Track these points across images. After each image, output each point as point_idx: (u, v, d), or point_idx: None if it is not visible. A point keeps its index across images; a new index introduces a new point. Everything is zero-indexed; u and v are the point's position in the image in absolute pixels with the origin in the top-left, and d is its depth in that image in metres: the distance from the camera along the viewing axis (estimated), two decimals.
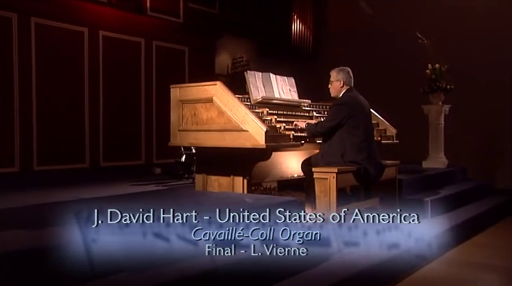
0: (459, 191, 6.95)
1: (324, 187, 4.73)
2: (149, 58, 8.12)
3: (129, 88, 7.84)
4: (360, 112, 5.08)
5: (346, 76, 5.15)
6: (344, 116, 4.93)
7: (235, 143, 4.45)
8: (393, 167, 5.71)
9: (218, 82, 4.60)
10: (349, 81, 5.17)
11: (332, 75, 5.22)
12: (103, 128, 7.43)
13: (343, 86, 5.15)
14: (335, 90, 5.20)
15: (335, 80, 5.18)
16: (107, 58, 7.44)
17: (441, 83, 8.18)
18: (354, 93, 5.19)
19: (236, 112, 4.44)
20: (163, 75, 8.21)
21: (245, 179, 4.77)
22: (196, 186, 5.07)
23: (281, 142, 4.55)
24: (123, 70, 7.72)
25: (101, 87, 7.39)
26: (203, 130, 4.66)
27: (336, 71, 5.21)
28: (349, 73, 5.19)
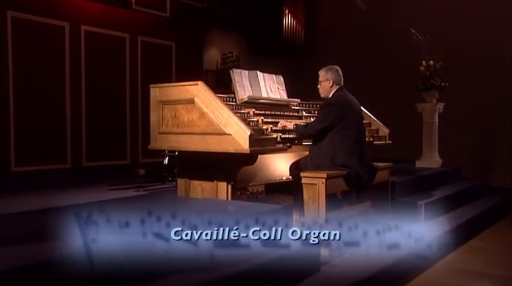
0: (453, 193, 6.70)
1: (312, 193, 4.47)
2: (134, 54, 7.83)
3: (114, 85, 7.54)
4: (351, 112, 4.82)
5: (335, 75, 4.88)
6: (334, 118, 4.67)
7: (218, 147, 4.17)
8: (386, 170, 5.45)
9: (200, 82, 4.31)
10: (339, 80, 4.90)
11: (321, 74, 4.95)
12: (85, 127, 7.14)
13: (333, 86, 4.88)
14: (325, 91, 4.94)
15: (324, 79, 4.91)
16: (89, 54, 7.14)
17: (435, 80, 7.94)
18: (345, 93, 4.92)
19: (218, 114, 4.16)
20: (149, 71, 7.94)
21: (230, 184, 4.50)
22: (178, 191, 4.79)
23: (267, 146, 4.27)
24: (107, 66, 7.42)
25: (83, 84, 7.09)
26: (184, 133, 4.38)
27: (324, 70, 4.94)
28: (338, 72, 4.92)
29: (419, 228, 5.28)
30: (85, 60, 7.08)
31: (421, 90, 8.04)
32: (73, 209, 3.76)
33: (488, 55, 9.21)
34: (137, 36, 7.82)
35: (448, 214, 6.19)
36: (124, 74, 7.68)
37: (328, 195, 4.47)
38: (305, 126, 4.92)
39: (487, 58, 9.21)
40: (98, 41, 7.24)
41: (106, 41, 7.37)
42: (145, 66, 7.91)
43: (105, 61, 7.36)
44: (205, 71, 9.96)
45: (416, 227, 5.35)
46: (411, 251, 4.50)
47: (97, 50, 7.22)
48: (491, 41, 9.27)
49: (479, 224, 6.25)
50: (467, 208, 6.66)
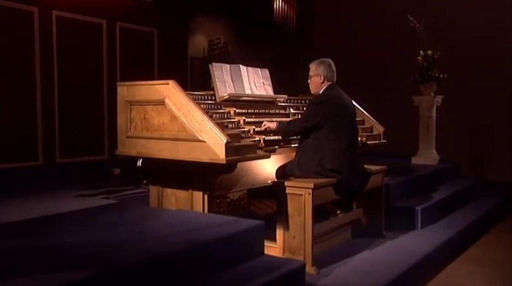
0: (451, 194, 6.33)
1: (298, 205, 4.05)
2: (112, 42, 7.28)
3: (90, 75, 7.01)
4: (342, 113, 4.37)
5: (328, 70, 4.43)
6: (321, 117, 4.23)
7: (190, 156, 3.72)
8: (379, 174, 5.04)
9: (171, 81, 3.83)
10: (331, 75, 4.45)
11: (311, 68, 4.50)
12: (59, 120, 6.62)
13: (324, 82, 4.43)
14: (315, 87, 4.49)
15: (315, 74, 4.46)
16: (62, 42, 6.59)
17: (433, 71, 7.52)
18: (336, 90, 4.47)
19: (191, 118, 3.69)
20: (129, 60, 7.40)
21: (206, 193, 4.06)
22: (150, 200, 4.34)
23: (247, 153, 3.82)
24: (82, 55, 6.88)
25: (55, 74, 6.56)
26: (154, 138, 3.92)
27: (316, 64, 4.47)
28: (330, 67, 4.46)
29: (414, 240, 4.89)
30: (57, 49, 6.54)
31: (418, 82, 7.64)
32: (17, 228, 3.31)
33: (488, 46, 8.79)
34: (115, 22, 7.27)
35: (446, 218, 5.83)
36: (102, 64, 7.15)
37: (315, 206, 4.03)
38: (289, 123, 4.49)
39: (487, 49, 8.80)
40: (71, 28, 6.69)
41: (80, 28, 6.82)
42: (124, 55, 7.37)
43: (80, 49, 6.82)
44: (191, 59, 9.47)
45: (411, 238, 4.96)
46: (405, 269, 4.09)
47: (71, 38, 6.67)
48: (492, 31, 8.82)
49: (478, 230, 5.87)
50: (465, 210, 6.30)
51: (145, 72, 7.59)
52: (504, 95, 8.87)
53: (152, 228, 3.42)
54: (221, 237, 3.29)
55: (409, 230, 5.25)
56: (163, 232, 3.30)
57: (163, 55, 8.12)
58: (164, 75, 8.03)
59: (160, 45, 8.05)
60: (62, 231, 3.32)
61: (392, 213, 5.28)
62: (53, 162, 6.53)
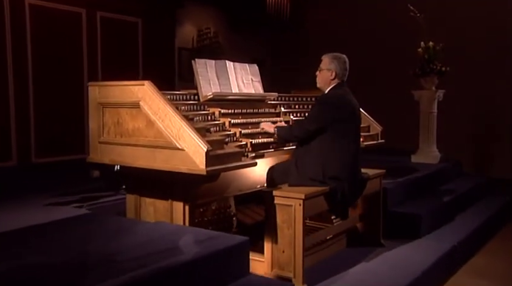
0: (454, 197, 6.07)
1: (287, 216, 3.78)
2: (92, 32, 7.00)
3: (69, 68, 6.72)
4: (350, 116, 4.11)
5: (341, 68, 4.14)
6: (330, 119, 3.96)
7: (168, 165, 3.43)
8: (377, 178, 4.77)
9: (146, 82, 3.53)
10: (343, 74, 4.17)
11: (324, 61, 4.20)
12: (34, 117, 6.34)
13: (334, 79, 4.14)
14: (323, 81, 4.19)
15: (326, 68, 4.15)
16: (37, 33, 6.30)
17: (435, 64, 7.19)
18: (344, 90, 4.18)
19: (169, 123, 3.40)
20: (111, 52, 7.14)
21: (187, 204, 3.78)
22: (127, 211, 4.06)
23: (231, 161, 3.54)
24: (60, 47, 6.59)
25: (30, 67, 6.27)
26: (129, 144, 3.63)
27: (330, 58, 4.17)
28: (345, 65, 4.17)
29: (414, 251, 4.64)
30: (31, 40, 6.25)
31: (419, 75, 7.30)
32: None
33: (491, 38, 8.59)
34: (95, 11, 6.97)
35: (448, 224, 5.57)
36: (82, 56, 6.86)
37: (306, 218, 3.78)
38: (291, 128, 4.21)
39: (489, 41, 8.58)
40: (47, 18, 6.39)
41: (57, 18, 6.52)
42: (105, 47, 7.10)
43: (57, 41, 6.52)
44: (179, 50, 9.23)
45: (412, 249, 4.71)
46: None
47: (46, 28, 6.38)
48: (494, 23, 8.57)
49: (482, 236, 5.63)
50: (468, 214, 6.04)
51: (128, 65, 7.35)
52: (508, 90, 8.61)
53: (125, 246, 3.14)
54: (201, 257, 3.02)
55: (409, 238, 4.98)
56: (137, 252, 3.03)
57: (149, 46, 7.85)
58: (150, 68, 7.81)
59: (145, 36, 7.79)
60: (21, 251, 3.04)
61: (391, 220, 5.03)
62: (28, 162, 6.25)
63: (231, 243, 3.27)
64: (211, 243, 3.23)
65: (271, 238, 3.85)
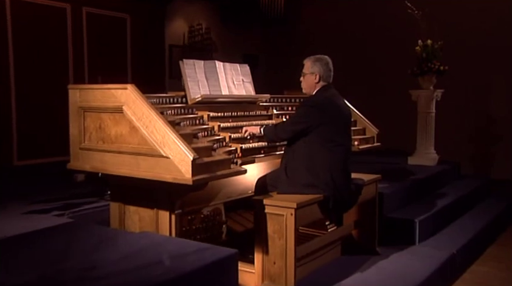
0: (452, 201, 5.97)
1: (279, 226, 3.68)
2: (78, 29, 6.87)
3: (53, 67, 6.56)
4: (338, 119, 4.01)
5: (324, 70, 4.05)
6: (314, 121, 3.87)
7: (152, 173, 3.31)
8: (373, 184, 4.66)
9: (130, 85, 3.40)
10: (328, 75, 4.08)
11: (306, 65, 4.11)
12: (17, 118, 6.19)
13: (319, 82, 4.06)
14: (308, 86, 4.11)
15: (309, 72, 4.07)
16: (19, 30, 6.15)
17: (433, 63, 7.10)
18: (332, 92, 4.10)
19: (153, 129, 3.28)
20: (98, 50, 7.00)
21: (174, 213, 3.65)
22: (111, 219, 3.94)
23: (220, 169, 3.43)
24: (44, 45, 6.44)
25: (11, 66, 6.12)
26: (111, 151, 3.50)
27: (311, 61, 4.08)
28: (328, 66, 4.07)
29: (412, 260, 4.53)
30: (13, 36, 6.10)
31: (417, 74, 7.21)
32: None
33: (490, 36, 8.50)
34: (80, 7, 6.83)
35: (447, 230, 5.50)
36: (67, 53, 6.71)
37: (298, 227, 3.67)
38: (275, 127, 4.10)
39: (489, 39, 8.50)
40: (29, 14, 6.24)
41: (40, 14, 6.36)
42: (92, 44, 6.97)
43: (40, 39, 6.36)
44: (170, 47, 9.13)
45: (409, 257, 4.61)
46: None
47: (29, 25, 6.22)
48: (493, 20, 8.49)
49: (482, 242, 5.53)
50: (468, 219, 5.95)
51: (116, 63, 7.23)
52: (508, 89, 8.54)
53: (104, 261, 3.02)
54: (186, 272, 2.89)
55: (406, 245, 4.90)
56: (117, 267, 2.90)
57: (138, 43, 7.73)
58: (139, 66, 7.69)
59: (134, 33, 7.67)
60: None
61: (387, 226, 4.96)
62: (10, 165, 6.11)
63: (220, 256, 3.14)
64: (198, 256, 3.11)
65: (262, 248, 3.75)
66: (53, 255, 3.16)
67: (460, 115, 8.51)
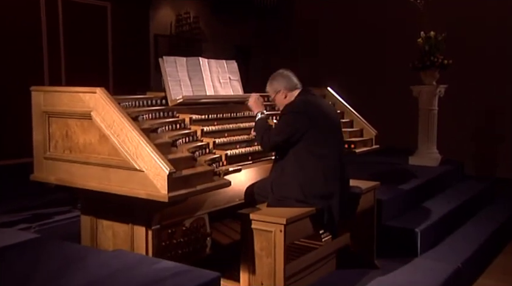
0: (457, 206, 5.80)
1: (267, 243, 3.48)
2: (53, 18, 6.58)
3: (25, 60, 6.29)
4: (324, 123, 3.81)
5: (284, 81, 3.94)
6: (298, 129, 3.69)
7: (124, 188, 3.09)
8: (371, 192, 4.47)
9: (99, 89, 3.16)
10: (291, 83, 3.95)
11: (267, 89, 4.06)
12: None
13: (288, 94, 3.93)
14: (282, 104, 3.96)
15: (274, 92, 3.99)
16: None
17: (436, 56, 6.94)
18: (311, 96, 3.94)
19: (125, 139, 3.04)
20: (76, 41, 6.75)
21: (151, 229, 3.41)
22: (82, 235, 3.70)
23: (200, 182, 3.20)
24: (14, 36, 6.16)
25: None
26: (79, 161, 3.27)
27: (269, 83, 4.03)
28: (284, 76, 3.97)
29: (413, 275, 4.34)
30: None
31: (418, 69, 7.06)
32: None
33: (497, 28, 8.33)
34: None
35: (451, 238, 5.33)
36: (41, 45, 6.44)
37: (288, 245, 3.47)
38: (264, 131, 3.87)
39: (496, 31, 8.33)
40: None
41: (10, 2, 6.08)
42: (69, 35, 6.70)
43: (11, 29, 6.09)
44: (156, 37, 8.91)
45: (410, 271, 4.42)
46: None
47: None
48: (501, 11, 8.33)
49: (487, 253, 5.35)
50: (473, 226, 5.78)
51: (96, 56, 7.00)
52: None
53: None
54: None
55: (406, 257, 4.73)
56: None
57: (120, 33, 7.49)
58: (121, 58, 7.45)
59: (116, 22, 7.41)
60: None
61: (386, 236, 4.78)
62: None
63: (200, 282, 2.92)
64: (176, 282, 2.88)
65: (248, 267, 3.55)
66: (14, 280, 2.92)
67: (464, 112, 8.33)
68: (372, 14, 9.09)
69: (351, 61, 8.79)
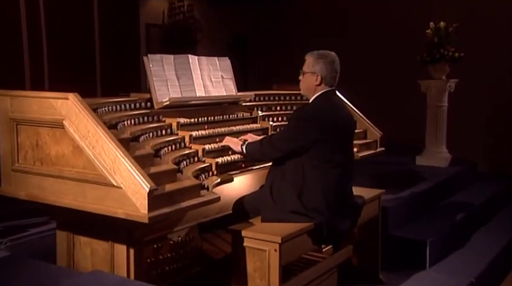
0: (468, 213, 5.63)
1: (260, 263, 3.29)
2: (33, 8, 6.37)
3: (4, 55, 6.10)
4: (338, 134, 3.60)
5: (328, 70, 3.61)
6: (308, 139, 3.48)
7: (101, 206, 2.87)
8: (375, 201, 4.30)
9: (72, 95, 2.93)
10: (332, 77, 3.63)
11: (307, 62, 3.68)
12: None
13: (321, 84, 3.63)
14: (307, 88, 3.69)
15: (310, 71, 3.63)
16: None
17: (446, 49, 6.81)
18: (334, 101, 3.72)
19: (101, 151, 2.83)
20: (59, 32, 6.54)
21: (132, 247, 3.21)
22: (58, 253, 3.50)
23: (185, 199, 2.98)
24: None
25: None
26: (51, 175, 3.05)
27: (313, 58, 3.64)
28: (333, 65, 3.62)
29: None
30: None
31: (427, 62, 6.95)
32: None
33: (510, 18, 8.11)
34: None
35: (461, 250, 5.13)
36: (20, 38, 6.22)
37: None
38: (261, 143, 3.70)
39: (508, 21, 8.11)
40: None
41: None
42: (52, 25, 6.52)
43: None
44: (147, 27, 8.82)
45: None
46: None
47: None
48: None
49: (502, 266, 5.19)
50: (485, 237, 5.57)
51: (82, 49, 6.82)
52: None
53: None
54: None
55: (413, 269, 4.60)
56: None
57: (107, 23, 7.29)
58: (109, 50, 7.24)
59: (102, 12, 7.22)
60: None
61: (391, 248, 4.64)
62: None
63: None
64: None
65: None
66: None
67: (475, 108, 8.11)
68: (378, 2, 8.89)
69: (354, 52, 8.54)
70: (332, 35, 8.62)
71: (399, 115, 7.95)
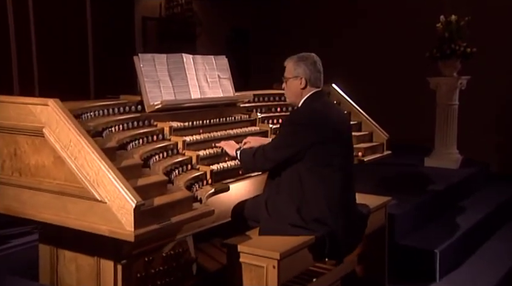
0: (481, 219, 5.53)
1: (257, 281, 3.18)
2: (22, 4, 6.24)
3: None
4: (335, 136, 3.49)
5: (312, 71, 3.52)
6: (304, 144, 3.37)
7: (84, 222, 2.73)
8: (381, 210, 4.21)
9: (52, 101, 2.78)
10: (316, 78, 3.55)
11: (288, 67, 3.61)
12: None
13: (306, 87, 3.54)
14: (293, 94, 3.61)
15: (293, 76, 3.56)
16: None
17: (457, 44, 6.71)
18: (324, 101, 3.63)
19: (84, 162, 2.69)
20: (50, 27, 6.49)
21: (120, 263, 3.08)
22: (40, 269, 3.37)
23: (176, 214, 2.84)
24: None
25: None
26: (30, 187, 2.91)
27: (294, 61, 3.57)
28: (315, 66, 3.55)
29: None
30: None
31: (437, 58, 6.85)
32: None
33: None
34: None
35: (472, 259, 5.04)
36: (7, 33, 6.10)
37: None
38: (254, 153, 3.58)
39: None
40: None
41: None
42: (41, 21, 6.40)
43: None
44: (144, 20, 8.71)
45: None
46: None
47: None
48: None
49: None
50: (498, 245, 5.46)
51: (73, 45, 6.72)
52: None
53: None
54: None
55: (423, 282, 4.53)
56: None
57: (101, 16, 7.23)
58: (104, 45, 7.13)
59: (95, 5, 7.09)
60: None
61: (399, 258, 4.55)
62: None
63: None
64: None
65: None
66: None
67: (488, 107, 8.02)
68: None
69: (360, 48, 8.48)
70: (337, 30, 8.52)
71: (406, 114, 7.90)
